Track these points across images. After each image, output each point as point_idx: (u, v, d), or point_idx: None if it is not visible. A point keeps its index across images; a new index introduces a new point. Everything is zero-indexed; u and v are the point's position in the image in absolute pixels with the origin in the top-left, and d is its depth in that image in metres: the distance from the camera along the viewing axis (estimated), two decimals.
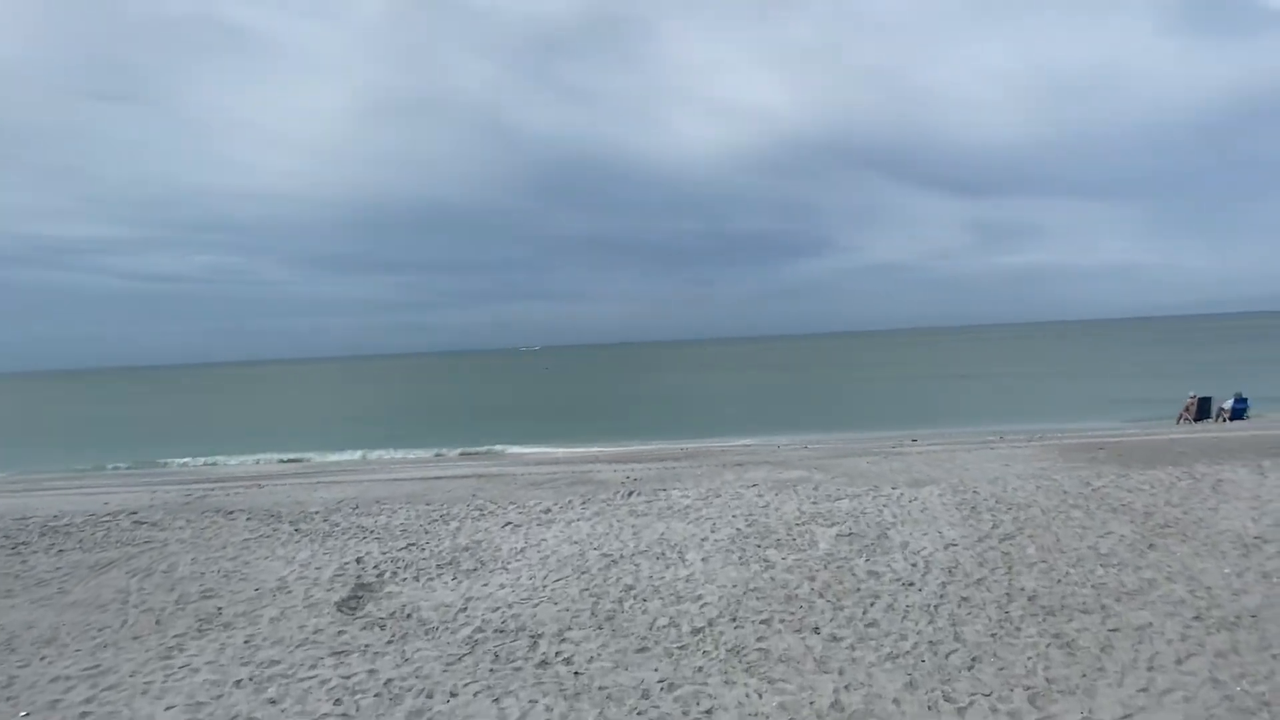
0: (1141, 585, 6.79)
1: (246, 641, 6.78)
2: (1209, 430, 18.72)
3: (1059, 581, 7.00)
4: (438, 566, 8.50)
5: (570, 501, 11.35)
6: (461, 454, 24.16)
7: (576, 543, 9.02)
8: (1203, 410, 22.42)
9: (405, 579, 8.19)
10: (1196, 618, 6.05)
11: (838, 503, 10.38)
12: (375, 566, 8.67)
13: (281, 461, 24.98)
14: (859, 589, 7.12)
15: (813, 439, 23.84)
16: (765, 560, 8.01)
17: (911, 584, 7.17)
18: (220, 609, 7.66)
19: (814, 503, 10.44)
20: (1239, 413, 22.04)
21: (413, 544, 9.44)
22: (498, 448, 24.94)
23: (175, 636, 6.96)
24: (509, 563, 8.45)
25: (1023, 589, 6.88)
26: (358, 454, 25.47)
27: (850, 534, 8.76)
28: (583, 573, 7.95)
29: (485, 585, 7.80)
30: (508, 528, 9.92)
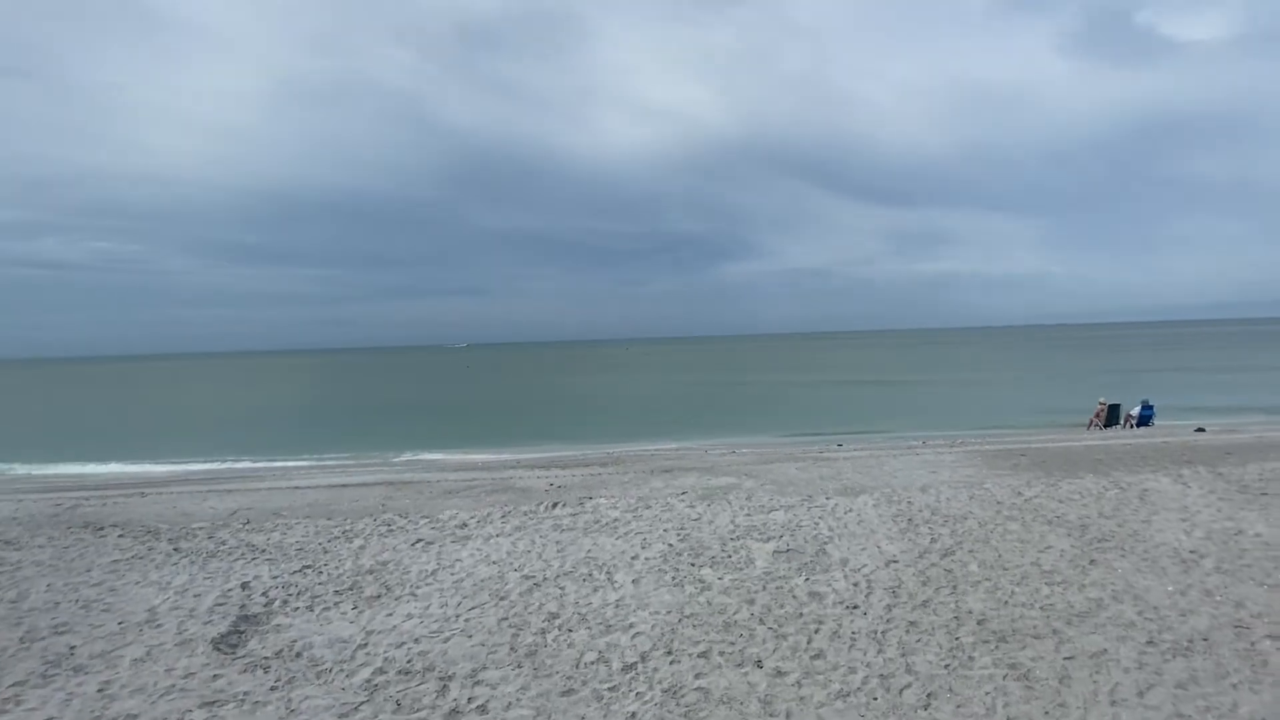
0: (1089, 606, 6.52)
1: (101, 690, 5.75)
2: (1120, 437, 19.30)
3: (1006, 603, 6.67)
4: (336, 593, 7.57)
5: (489, 514, 10.53)
6: (374, 459, 22.86)
7: (495, 563, 8.24)
8: (1112, 417, 23.23)
9: (297, 609, 7.24)
10: (1150, 642, 5.78)
11: (772, 514, 9.92)
12: (263, 594, 7.66)
13: (171, 467, 23.08)
14: (801, 613, 6.61)
15: (740, 443, 23.58)
16: (700, 581, 7.43)
17: (856, 606, 6.71)
18: (74, 648, 6.55)
19: (747, 514, 9.95)
20: (1145, 419, 22.92)
21: (309, 566, 8.45)
22: (412, 453, 23.73)
23: (12, 686, 5.85)
24: (418, 587, 7.60)
25: (970, 611, 6.50)
26: (258, 459, 23.81)
27: (788, 550, 8.27)
28: (501, 599, 7.19)
29: (389, 615, 6.94)
30: (418, 545, 9.04)
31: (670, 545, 8.59)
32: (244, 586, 7.90)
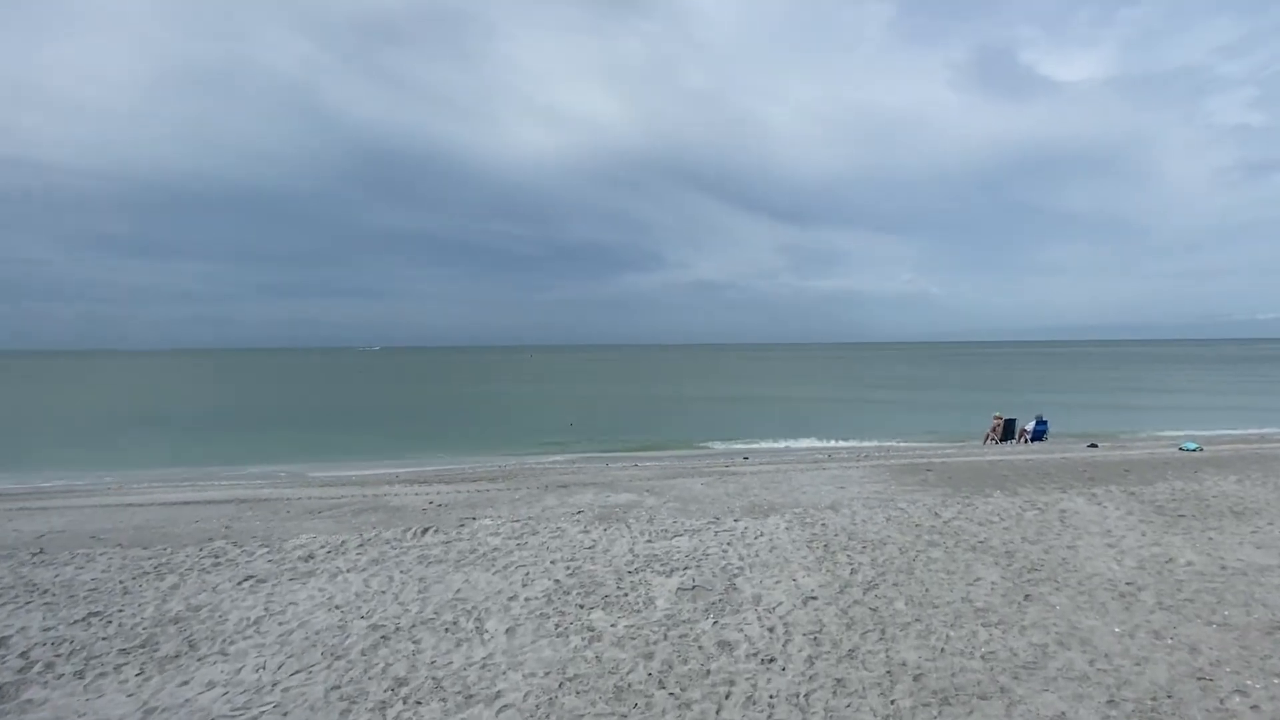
0: (1035, 654, 5.65)
1: None
2: (1019, 452, 19.33)
3: (942, 650, 5.72)
4: (121, 652, 5.86)
5: (344, 543, 8.93)
6: (236, 471, 20.43)
7: (338, 607, 6.70)
8: (1008, 432, 23.48)
9: (62, 675, 5.51)
10: (1110, 702, 4.92)
11: (676, 540, 8.78)
12: (23, 653, 5.87)
13: None
14: (709, 670, 5.45)
15: (642, 455, 22.49)
16: (590, 629, 6.16)
17: (772, 660, 5.60)
18: None
19: (648, 540, 8.77)
20: (1039, 434, 23.27)
21: (98, 613, 6.66)
22: (282, 465, 21.39)
23: None
24: (232, 643, 5.99)
25: (904, 663, 5.51)
26: (102, 471, 20.92)
27: (694, 586, 7.12)
28: (337, 658, 5.69)
29: (184, 684, 5.33)
30: (247, 585, 7.37)
31: (557, 581, 7.29)
32: (1, 643, 6.07)
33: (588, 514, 11.38)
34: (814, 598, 6.82)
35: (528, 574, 7.53)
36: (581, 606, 6.63)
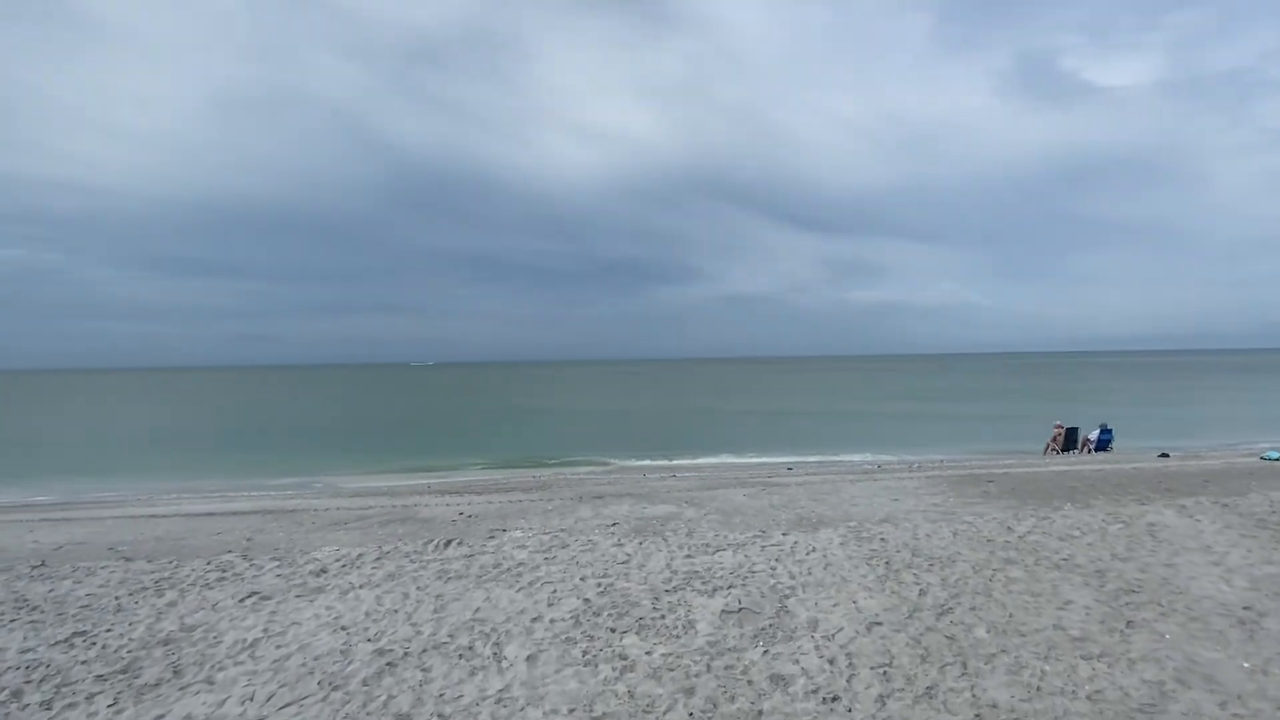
0: (1151, 694, 4.72)
1: None
2: (1085, 462, 18.08)
3: (1038, 689, 4.83)
4: (99, 678, 5.26)
5: (360, 556, 8.29)
6: (268, 483, 20.14)
7: (344, 629, 6.03)
8: (1069, 441, 22.15)
9: (28, 706, 4.92)
10: None
11: (718, 555, 7.96)
12: None
13: (26, 491, 19.91)
14: (760, 711, 4.64)
15: (680, 465, 21.67)
16: (622, 657, 5.38)
17: (835, 699, 4.77)
18: None
19: (688, 555, 7.97)
20: (1103, 444, 21.89)
21: (83, 633, 6.10)
22: (315, 476, 21.06)
23: None
24: (221, 669, 5.35)
25: (995, 704, 4.64)
26: (138, 481, 20.81)
27: (740, 608, 6.30)
28: (335, 688, 5.01)
29: (162, 718, 4.69)
30: (249, 601, 6.76)
31: (586, 601, 6.53)
32: None
33: (623, 526, 10.63)
34: (879, 623, 5.95)
35: (555, 592, 6.79)
36: (613, 630, 5.86)
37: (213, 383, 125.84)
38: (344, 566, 7.80)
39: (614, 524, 10.94)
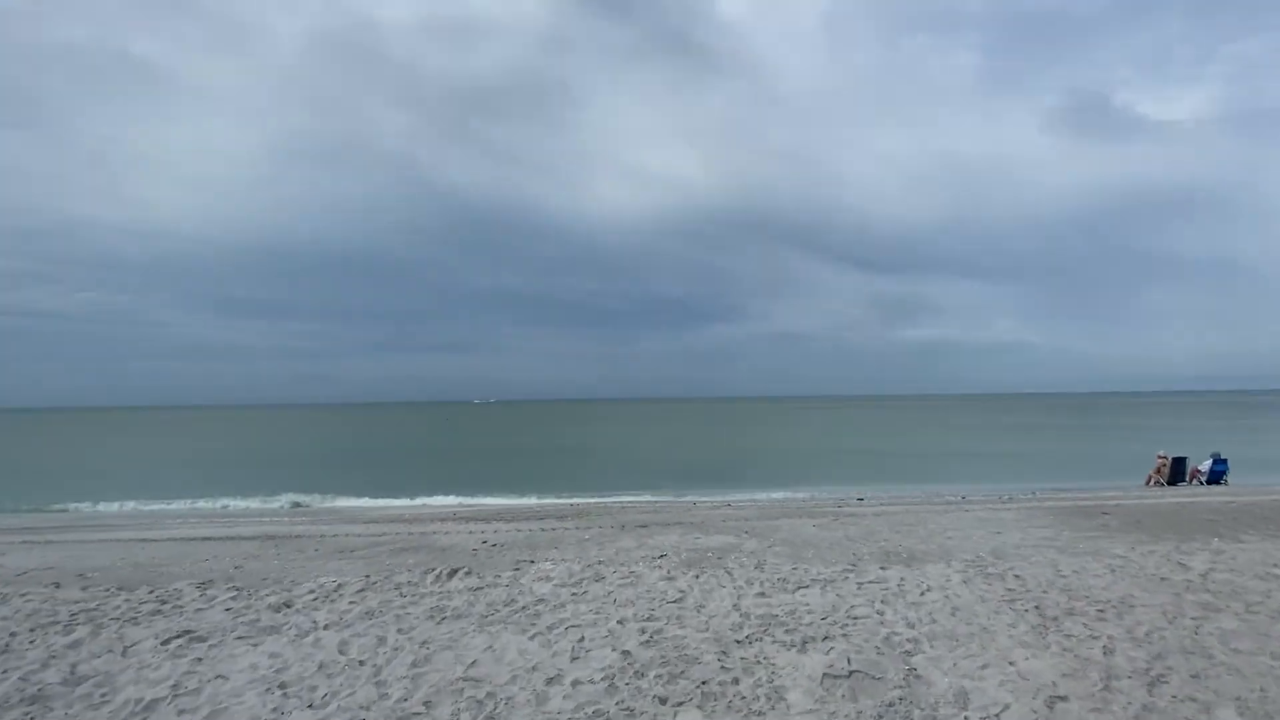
0: None
1: None
2: (1209, 494, 15.53)
3: None
4: None
5: (341, 587, 6.56)
6: (292, 505, 18.65)
7: (284, 686, 4.25)
8: (1176, 472, 19.45)
9: None
10: None
11: (801, 593, 6.00)
12: None
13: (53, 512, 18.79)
14: None
15: (735, 498, 19.59)
16: None
17: None
18: None
19: (761, 593, 6.03)
20: (1217, 476, 19.15)
21: None
22: (339, 499, 19.51)
23: None
24: None
25: None
26: (170, 503, 19.55)
27: (849, 670, 4.34)
28: None
29: None
30: (175, 643, 5.04)
31: (626, 654, 4.64)
32: None
33: (672, 558, 8.74)
34: (1062, 698, 3.94)
35: (582, 640, 4.92)
36: (663, 700, 3.96)
37: (273, 418, 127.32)
38: (314, 599, 6.06)
39: (661, 555, 9.09)
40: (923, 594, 5.90)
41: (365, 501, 19.11)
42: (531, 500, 18.31)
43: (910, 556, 8.56)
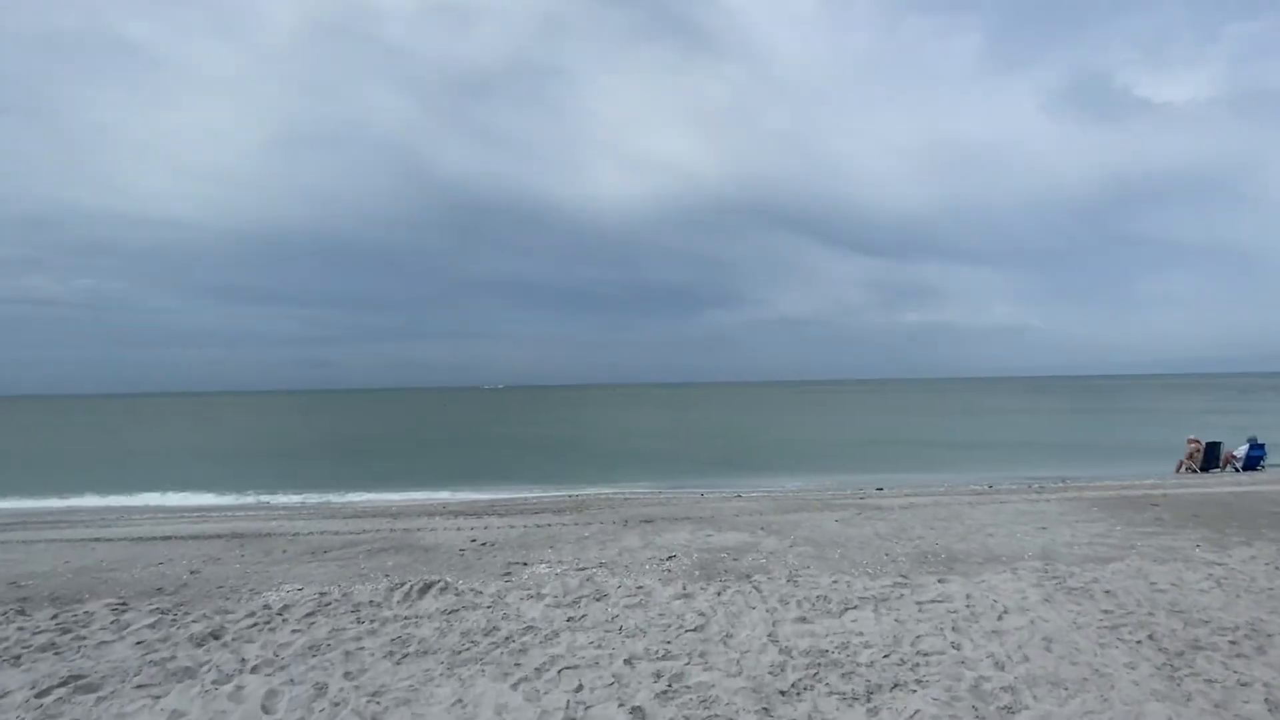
0: None
1: None
2: (1255, 481, 14.41)
3: None
4: None
5: (287, 610, 5.41)
6: (266, 498, 17.51)
7: None
8: (1210, 457, 18.32)
9: None
10: None
11: (850, 617, 4.88)
12: None
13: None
14: None
15: (744, 485, 18.48)
16: None
17: None
18: None
19: (801, 617, 4.90)
20: (1254, 461, 18.03)
21: None
22: (327, 494, 18.35)
23: None
24: None
25: None
26: (149, 495, 18.43)
27: None
28: None
29: None
30: (53, 696, 3.88)
31: (637, 712, 3.52)
32: None
33: (683, 560, 7.66)
34: None
35: (580, 689, 3.79)
36: None
37: (268, 405, 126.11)
38: (252, 626, 4.92)
39: (670, 556, 8.01)
40: (1000, 617, 4.77)
41: (350, 495, 17.97)
42: (527, 493, 17.19)
43: (952, 558, 7.48)
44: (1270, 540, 8.01)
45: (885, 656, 4.13)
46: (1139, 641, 4.30)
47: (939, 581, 5.67)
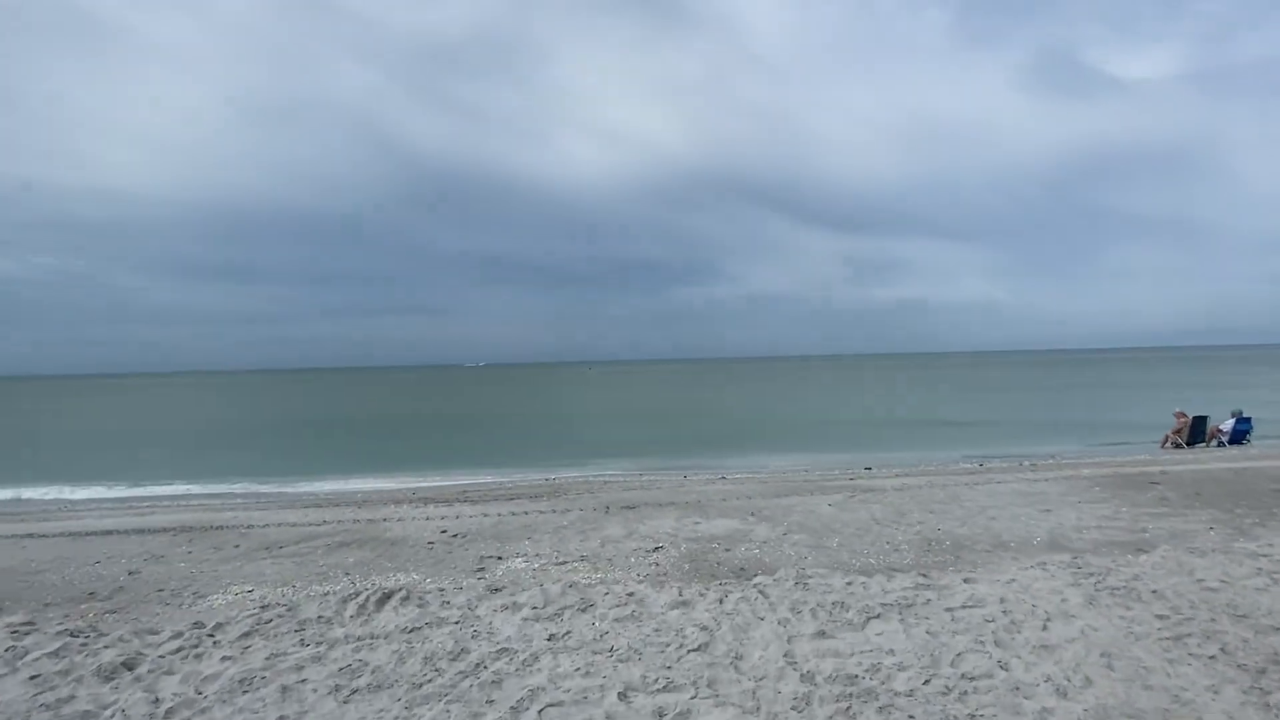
0: None
1: None
2: (1248, 457, 14.15)
3: None
4: None
5: (220, 628, 4.65)
6: (233, 488, 16.55)
7: None
8: (1196, 432, 18.10)
9: None
10: None
11: (875, 629, 4.25)
12: None
13: None
14: None
15: (727, 465, 17.91)
16: None
17: None
18: None
19: (820, 631, 4.25)
20: (1240, 435, 17.85)
21: None
22: (281, 483, 17.37)
23: None
24: None
25: None
26: (95, 487, 17.35)
27: None
28: None
29: None
30: None
31: None
32: None
33: (670, 552, 7.06)
34: None
35: None
36: None
37: (234, 385, 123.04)
38: (175, 653, 4.16)
39: (657, 547, 7.42)
40: (1045, 626, 4.17)
41: (312, 483, 17.08)
42: (501, 477, 16.44)
43: (958, 545, 6.97)
44: (1259, 518, 7.79)
45: (925, 683, 3.49)
46: (1211, 656, 3.72)
47: (965, 581, 5.07)
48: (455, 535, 8.74)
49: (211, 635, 4.40)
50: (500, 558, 7.47)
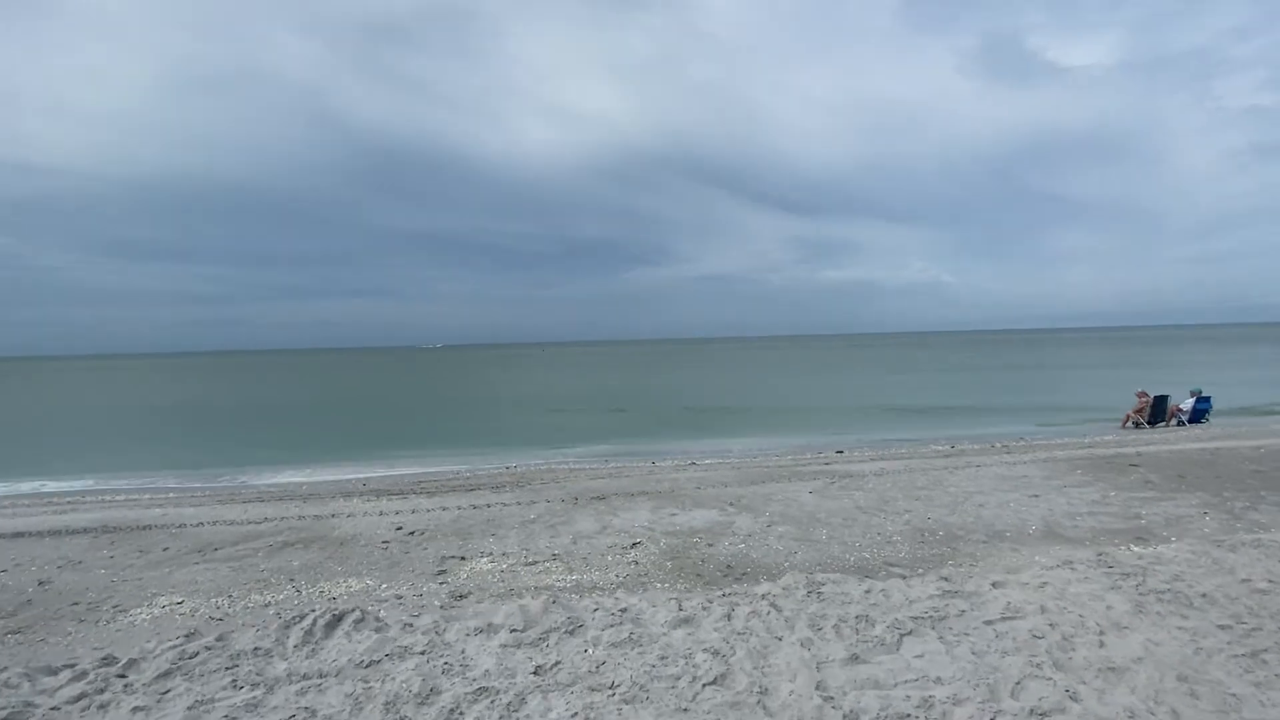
0: None
1: None
2: (1215, 437, 14.20)
3: None
4: None
5: (132, 666, 3.86)
6: (164, 482, 15.37)
7: None
8: (1157, 411, 18.28)
9: None
10: None
11: (911, 650, 3.70)
12: None
13: None
14: None
15: (695, 449, 17.41)
16: None
17: None
18: None
19: (852, 654, 3.68)
20: (1200, 415, 18.09)
21: None
22: (217, 475, 16.23)
23: None
24: None
25: None
26: (21, 482, 15.96)
27: None
28: None
29: None
30: None
31: None
32: None
33: (650, 549, 6.49)
34: None
35: None
36: None
37: (171, 369, 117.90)
38: (77, 701, 3.38)
39: (634, 544, 6.84)
40: (1101, 641, 3.67)
41: (252, 475, 16.00)
42: (459, 465, 15.63)
43: (951, 536, 6.57)
44: (1249, 501, 7.72)
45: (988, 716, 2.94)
46: (1264, 666, 3.26)
47: (994, 586, 4.56)
48: (412, 532, 8.00)
49: (123, 675, 3.62)
50: (463, 558, 6.78)
